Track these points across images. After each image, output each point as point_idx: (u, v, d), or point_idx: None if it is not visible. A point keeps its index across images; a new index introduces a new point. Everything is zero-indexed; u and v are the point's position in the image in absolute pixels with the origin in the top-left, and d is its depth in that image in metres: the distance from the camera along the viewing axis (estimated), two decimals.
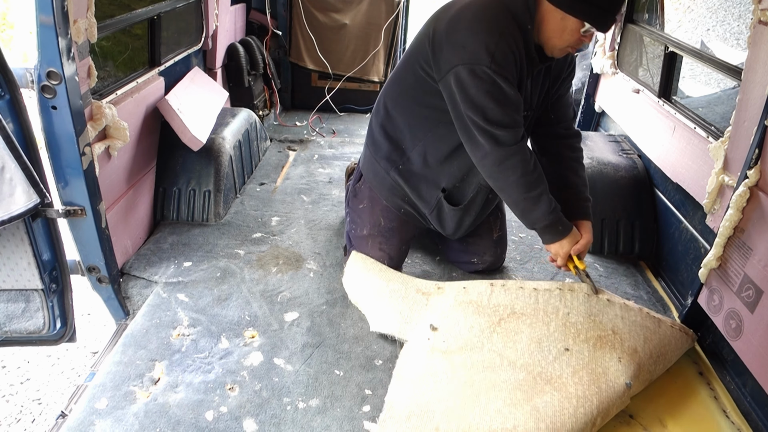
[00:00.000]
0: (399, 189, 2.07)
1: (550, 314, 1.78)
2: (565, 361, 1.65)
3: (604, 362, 1.64)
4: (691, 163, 2.17)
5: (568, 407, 1.52)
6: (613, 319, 1.77)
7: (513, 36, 1.67)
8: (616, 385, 1.59)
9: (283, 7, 3.97)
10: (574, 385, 1.58)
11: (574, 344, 1.69)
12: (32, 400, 2.28)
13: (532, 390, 1.57)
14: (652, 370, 1.70)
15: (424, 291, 2.01)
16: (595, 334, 1.72)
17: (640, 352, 1.69)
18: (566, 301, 1.82)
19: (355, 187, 2.23)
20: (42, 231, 1.74)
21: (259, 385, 1.71)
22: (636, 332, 1.74)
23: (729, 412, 1.65)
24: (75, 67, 1.67)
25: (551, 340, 1.71)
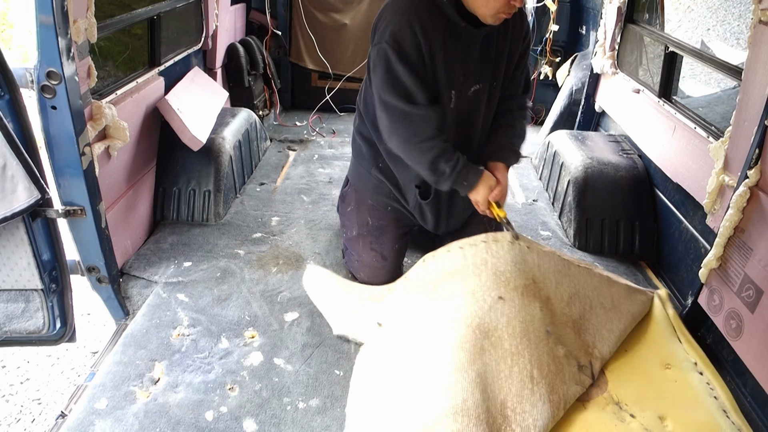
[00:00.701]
0: (383, 186, 2.10)
1: (480, 266, 1.80)
2: (499, 310, 1.68)
3: (531, 311, 1.69)
4: (692, 163, 2.17)
5: (503, 368, 1.55)
6: (532, 267, 1.81)
7: (419, 15, 1.73)
8: (540, 333, 1.64)
9: (283, 7, 3.96)
10: (508, 338, 1.61)
11: (506, 292, 1.72)
12: (32, 400, 2.27)
13: (473, 347, 1.59)
14: (567, 313, 1.75)
15: (377, 297, 2.03)
16: (522, 283, 1.76)
17: (552, 299, 1.76)
18: (492, 251, 1.83)
19: (343, 192, 2.29)
20: (42, 231, 1.74)
21: (259, 385, 1.71)
22: (549, 278, 1.80)
23: (729, 412, 1.65)
24: (75, 67, 1.67)
25: (484, 289, 1.73)
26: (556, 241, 2.59)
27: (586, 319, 1.80)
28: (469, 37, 1.80)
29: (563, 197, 2.73)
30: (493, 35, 1.85)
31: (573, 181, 2.62)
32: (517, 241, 1.86)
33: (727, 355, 1.78)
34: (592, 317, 1.81)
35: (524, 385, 1.53)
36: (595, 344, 1.77)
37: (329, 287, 2.11)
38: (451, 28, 1.77)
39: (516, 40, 1.92)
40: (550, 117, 3.78)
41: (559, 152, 2.91)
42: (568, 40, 3.99)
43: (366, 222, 2.17)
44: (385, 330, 1.85)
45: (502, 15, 1.72)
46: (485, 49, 1.86)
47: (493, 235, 1.89)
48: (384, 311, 1.94)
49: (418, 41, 1.74)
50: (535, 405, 1.51)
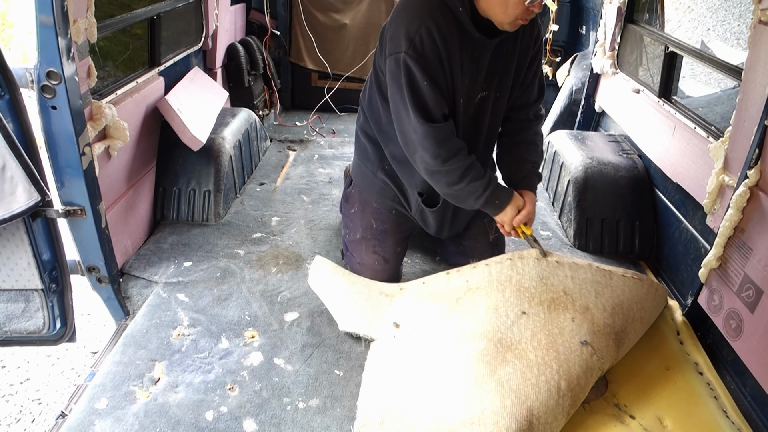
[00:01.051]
0: (388, 190, 2.08)
1: (504, 283, 1.80)
2: (523, 325, 1.67)
3: (559, 323, 1.67)
4: (691, 163, 2.17)
5: (530, 377, 1.53)
6: (563, 280, 1.79)
7: (436, 20, 1.67)
8: (572, 345, 1.61)
9: (283, 7, 3.96)
10: (534, 350, 1.60)
11: (530, 307, 1.71)
12: (32, 400, 2.27)
13: (495, 360, 1.58)
14: (610, 323, 1.72)
15: (386, 293, 2.03)
16: (549, 297, 1.74)
17: (592, 309, 1.72)
18: (517, 268, 1.83)
19: (347, 192, 2.25)
20: (42, 231, 1.74)
21: (259, 385, 1.71)
22: (586, 289, 1.77)
23: (729, 412, 1.65)
24: (75, 67, 1.67)
25: (507, 305, 1.73)
26: (556, 241, 2.59)
27: (626, 332, 1.76)
28: (482, 47, 1.77)
29: (563, 197, 2.73)
30: (504, 42, 1.82)
31: (573, 181, 2.62)
32: (544, 258, 1.85)
33: (727, 355, 1.78)
34: (631, 331, 1.79)
35: (551, 396, 1.51)
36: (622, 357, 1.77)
37: (336, 281, 2.09)
38: (464, 35, 1.73)
39: (526, 45, 1.88)
40: (550, 117, 3.78)
41: (559, 152, 2.91)
42: (568, 40, 3.99)
43: (370, 225, 2.15)
44: (403, 332, 1.84)
45: (520, 21, 1.69)
46: (495, 58, 1.83)
47: (519, 253, 1.89)
48: (400, 312, 1.92)
49: (438, 50, 1.68)
50: (556, 418, 1.50)
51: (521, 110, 2.01)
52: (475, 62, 1.79)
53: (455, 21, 1.70)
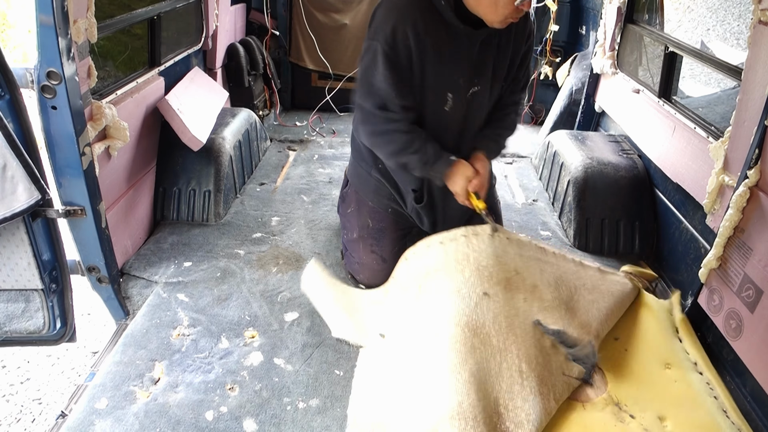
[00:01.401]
0: (383, 188, 2.09)
1: (462, 262, 1.79)
2: (485, 306, 1.67)
3: (515, 304, 1.69)
4: (691, 163, 2.17)
5: (493, 366, 1.55)
6: (513, 258, 1.81)
7: (414, 14, 1.71)
8: (526, 325, 1.64)
9: (283, 7, 3.96)
10: (496, 334, 1.61)
11: (489, 287, 1.72)
12: (32, 400, 2.27)
13: (464, 347, 1.58)
14: (557, 296, 1.75)
15: (375, 301, 2.02)
16: (504, 277, 1.75)
17: (539, 286, 1.75)
18: (473, 245, 1.82)
19: (343, 193, 2.27)
20: (42, 231, 1.74)
21: (259, 385, 1.71)
22: (532, 266, 1.80)
23: (729, 411, 1.65)
24: (75, 67, 1.67)
25: (468, 286, 1.72)
26: (556, 241, 2.59)
27: (575, 301, 1.80)
28: (468, 39, 1.78)
29: (563, 197, 2.73)
30: (494, 36, 1.82)
31: (573, 181, 2.62)
32: (496, 233, 1.85)
33: (727, 355, 1.78)
34: (580, 299, 1.82)
35: (514, 381, 1.53)
36: (590, 323, 1.78)
37: (328, 290, 2.10)
38: (448, 29, 1.75)
39: (519, 41, 1.90)
40: (550, 117, 3.78)
41: (559, 152, 2.91)
42: (568, 40, 3.99)
43: (367, 224, 2.16)
44: (387, 341, 1.84)
45: (510, 19, 1.70)
46: (485, 51, 1.83)
47: (473, 229, 1.87)
48: (384, 321, 1.93)
49: (409, 44, 1.72)
50: (526, 399, 1.51)
51: (502, 98, 2.03)
52: (461, 55, 1.80)
53: (437, 14, 1.73)
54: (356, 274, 2.20)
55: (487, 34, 1.79)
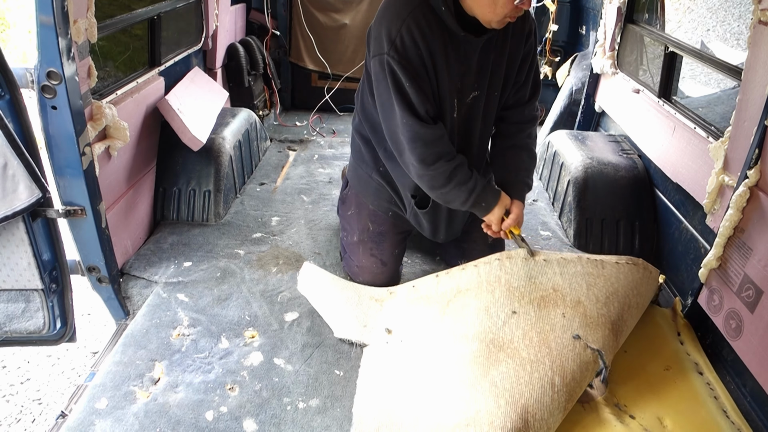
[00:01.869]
0: (384, 191, 2.08)
1: (493, 283, 1.80)
2: (514, 324, 1.67)
3: (550, 320, 1.67)
4: (691, 163, 2.17)
5: (523, 375, 1.53)
6: (552, 277, 1.79)
7: (417, 20, 1.66)
8: (563, 340, 1.61)
9: (283, 7, 3.96)
10: (526, 348, 1.60)
11: (519, 306, 1.71)
12: (32, 400, 2.27)
13: (488, 360, 1.58)
14: (604, 313, 1.72)
15: (376, 298, 2.03)
16: (538, 295, 1.74)
17: (583, 301, 1.72)
18: (506, 268, 1.83)
19: (343, 195, 2.25)
20: (42, 231, 1.74)
21: (259, 385, 1.71)
22: (577, 283, 1.77)
23: (729, 412, 1.65)
24: (75, 67, 1.67)
25: (498, 305, 1.73)
26: (556, 241, 2.59)
27: (623, 320, 1.77)
28: (468, 45, 1.75)
29: (563, 197, 2.73)
30: (493, 40, 1.79)
31: (573, 181, 2.62)
32: (532, 257, 1.85)
33: (727, 355, 1.78)
34: (629, 317, 1.79)
35: (545, 392, 1.51)
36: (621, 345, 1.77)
37: (326, 287, 2.10)
38: (449, 35, 1.72)
39: (518, 43, 1.85)
40: (550, 117, 3.78)
41: (559, 152, 2.91)
42: (568, 40, 3.99)
43: (367, 228, 2.14)
44: (396, 338, 1.84)
45: (508, 19, 1.67)
46: (485, 56, 1.81)
47: (507, 253, 1.89)
48: (392, 317, 1.92)
49: (419, 50, 1.67)
50: (552, 413, 1.50)
51: (515, 109, 1.99)
52: (463, 61, 1.77)
53: (438, 20, 1.69)
54: (355, 277, 2.19)
55: (488, 38, 1.76)
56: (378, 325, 1.91)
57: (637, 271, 1.87)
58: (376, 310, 1.98)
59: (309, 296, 2.08)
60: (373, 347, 1.84)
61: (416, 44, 1.66)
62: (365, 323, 1.93)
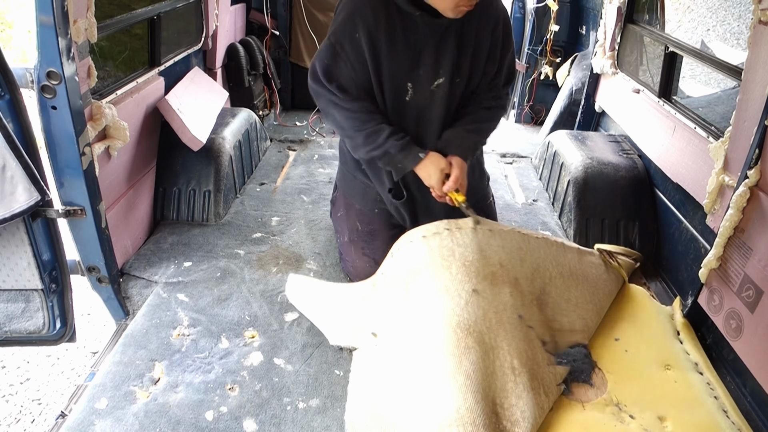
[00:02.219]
0: (369, 189, 2.09)
1: (448, 258, 1.74)
2: (475, 303, 1.64)
3: (502, 299, 1.67)
4: (691, 163, 2.17)
5: (488, 364, 1.53)
6: (497, 251, 1.78)
7: (364, 8, 1.74)
8: (513, 320, 1.62)
9: (283, 7, 3.96)
10: (487, 331, 1.59)
11: (477, 283, 1.68)
12: (32, 400, 2.27)
13: (458, 349, 1.55)
14: (530, 290, 1.73)
15: (362, 295, 1.99)
16: (489, 271, 1.71)
17: (520, 279, 1.73)
18: (457, 239, 1.78)
19: (333, 197, 2.29)
20: (42, 231, 1.74)
21: (259, 385, 1.71)
22: (514, 258, 1.77)
23: (729, 412, 1.65)
24: (75, 67, 1.67)
25: (456, 283, 1.68)
26: None
27: (547, 293, 1.77)
28: (427, 27, 1.76)
29: (563, 197, 2.73)
30: (455, 27, 1.79)
31: (573, 181, 2.62)
32: (478, 225, 1.82)
33: (727, 355, 1.78)
34: (552, 290, 1.79)
35: (507, 378, 1.51)
36: (555, 317, 1.75)
37: (313, 295, 2.07)
38: (403, 18, 1.74)
39: (484, 30, 1.83)
40: (550, 117, 3.78)
41: (559, 152, 2.91)
42: (568, 40, 3.99)
43: (356, 227, 2.15)
44: (382, 340, 1.82)
45: (463, 8, 1.67)
46: (445, 41, 1.80)
47: (455, 222, 1.83)
48: (375, 317, 1.90)
49: (358, 37, 1.74)
50: (519, 396, 1.50)
51: (484, 93, 1.96)
52: (418, 45, 1.79)
53: (387, 3, 1.74)
54: (353, 277, 2.19)
55: (449, 23, 1.76)
56: (365, 328, 1.89)
57: (550, 244, 1.88)
58: (363, 310, 1.95)
59: (299, 306, 2.05)
60: (361, 351, 1.82)
61: (356, 30, 1.75)
62: (354, 328, 1.90)
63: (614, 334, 1.88)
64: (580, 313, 1.83)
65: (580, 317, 1.82)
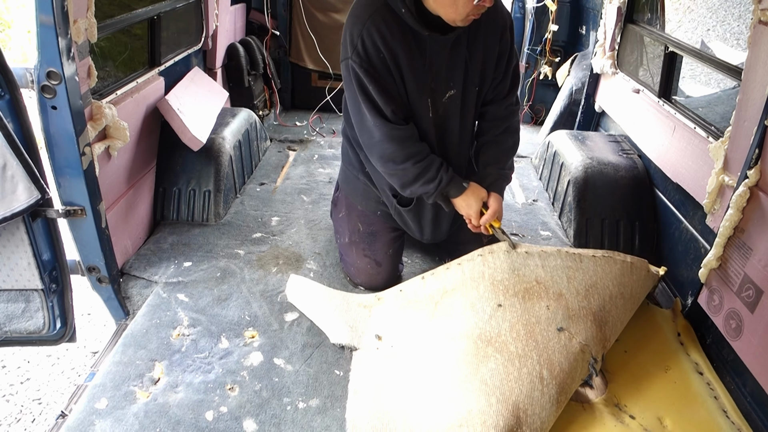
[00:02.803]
0: (371, 191, 2.09)
1: (477, 279, 1.80)
2: (500, 317, 1.67)
3: (535, 312, 1.68)
4: (691, 163, 2.17)
5: (512, 371, 1.53)
6: (534, 269, 1.80)
7: (377, 23, 1.68)
8: (549, 332, 1.62)
9: (283, 7, 3.96)
10: (513, 341, 1.60)
11: (505, 299, 1.71)
12: (32, 400, 2.27)
13: (476, 357, 1.57)
14: (585, 306, 1.73)
15: (365, 304, 2.02)
16: (522, 287, 1.74)
17: (565, 294, 1.73)
18: (488, 263, 1.83)
19: (334, 198, 2.28)
20: (42, 231, 1.74)
21: (259, 385, 1.71)
22: (557, 275, 1.78)
23: (729, 412, 1.65)
24: (75, 67, 1.67)
25: (482, 300, 1.72)
26: (556, 241, 2.59)
27: (607, 311, 1.77)
28: (435, 44, 1.75)
29: (563, 197, 2.73)
30: (463, 37, 1.79)
31: (573, 181, 2.62)
32: (514, 249, 1.85)
33: (727, 355, 1.78)
34: (613, 308, 1.79)
35: (534, 387, 1.51)
36: (610, 338, 1.77)
37: (314, 298, 2.08)
38: (415, 35, 1.73)
39: (491, 38, 1.84)
40: (550, 117, 3.78)
41: (559, 152, 2.91)
42: (568, 40, 3.99)
43: (357, 228, 2.15)
44: (386, 343, 1.83)
45: (472, 16, 1.67)
46: (455, 54, 1.80)
47: (489, 248, 1.89)
48: (381, 323, 1.91)
49: (381, 54, 1.71)
50: (544, 407, 1.50)
51: (492, 105, 1.98)
52: (432, 60, 1.78)
53: (400, 21, 1.70)
54: (354, 278, 2.20)
55: (456, 36, 1.76)
56: (367, 331, 1.90)
57: (614, 263, 1.88)
58: (365, 316, 1.96)
59: (300, 306, 2.05)
60: (362, 352, 1.83)
61: (377, 47, 1.70)
62: (356, 329, 1.91)
63: None
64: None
65: None
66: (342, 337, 1.89)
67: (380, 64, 1.72)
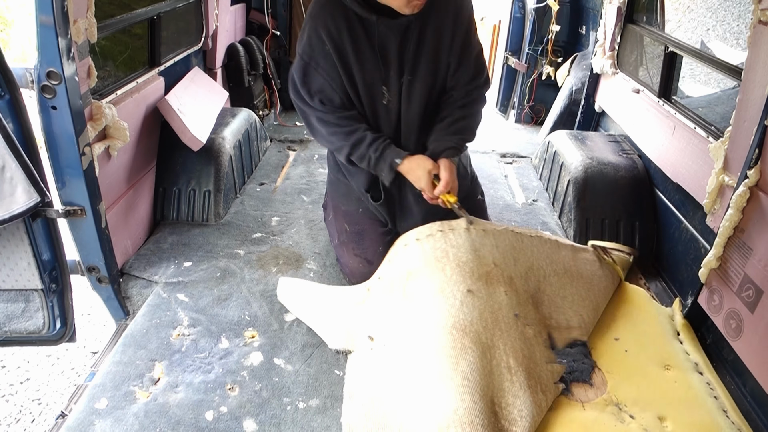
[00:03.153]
0: (352, 191, 2.12)
1: (442, 259, 1.75)
2: (470, 303, 1.64)
3: (497, 298, 1.66)
4: (691, 163, 2.17)
5: (485, 364, 1.52)
6: (491, 250, 1.78)
7: (323, 18, 1.77)
8: (509, 319, 1.62)
9: (283, 7, 3.96)
10: (484, 331, 1.58)
11: (472, 283, 1.68)
12: (32, 400, 2.27)
13: (454, 350, 1.54)
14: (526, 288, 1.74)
15: (357, 300, 1.98)
16: (484, 271, 1.72)
17: (514, 278, 1.73)
18: (450, 240, 1.79)
19: (324, 202, 2.34)
20: (42, 231, 1.74)
21: (259, 385, 1.71)
22: (508, 257, 1.78)
23: (729, 411, 1.65)
24: (75, 67, 1.67)
25: (451, 284, 1.68)
26: None
27: (542, 291, 1.78)
28: (386, 29, 1.78)
29: (563, 197, 2.73)
30: (415, 23, 1.79)
31: (573, 181, 2.62)
32: (471, 226, 1.83)
33: (727, 355, 1.78)
34: (547, 288, 1.80)
35: (503, 378, 1.51)
36: (551, 315, 1.75)
37: (307, 299, 2.06)
38: (364, 23, 1.76)
39: (444, 23, 1.82)
40: (550, 117, 3.78)
41: (559, 152, 2.91)
42: (568, 40, 3.99)
43: (344, 229, 2.16)
44: (379, 343, 1.80)
45: (416, 2, 1.68)
46: (406, 39, 1.80)
47: (448, 224, 1.84)
48: (371, 322, 1.88)
49: (326, 48, 1.78)
50: (516, 395, 1.49)
51: (455, 91, 1.96)
52: (381, 46, 1.81)
53: (348, 13, 1.76)
54: (349, 278, 2.20)
55: (408, 21, 1.77)
56: (360, 332, 1.87)
57: (544, 242, 1.89)
58: (358, 314, 1.94)
59: (293, 310, 2.04)
60: (357, 354, 1.81)
61: (322, 40, 1.77)
62: (350, 330, 1.89)
63: (614, 334, 1.88)
64: (577, 309, 1.83)
65: (577, 314, 1.82)
66: (338, 342, 1.87)
67: (326, 61, 1.81)
